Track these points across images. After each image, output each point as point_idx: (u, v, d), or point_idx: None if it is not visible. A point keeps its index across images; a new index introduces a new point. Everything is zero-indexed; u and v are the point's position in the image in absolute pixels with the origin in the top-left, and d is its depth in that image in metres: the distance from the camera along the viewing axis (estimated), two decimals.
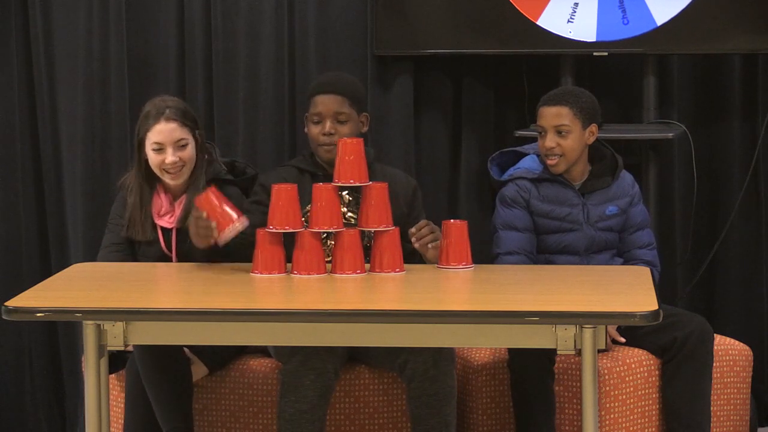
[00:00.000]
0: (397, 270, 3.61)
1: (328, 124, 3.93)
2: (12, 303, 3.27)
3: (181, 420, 3.77)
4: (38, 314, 3.27)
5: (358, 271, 3.59)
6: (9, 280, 4.68)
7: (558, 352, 3.19)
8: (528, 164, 4.12)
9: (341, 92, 3.97)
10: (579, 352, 3.18)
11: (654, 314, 3.10)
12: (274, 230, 3.59)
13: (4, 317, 3.25)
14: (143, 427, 3.80)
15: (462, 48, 4.55)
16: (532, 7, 4.45)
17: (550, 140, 4.00)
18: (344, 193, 3.92)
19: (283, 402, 3.69)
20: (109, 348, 3.31)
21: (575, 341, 3.16)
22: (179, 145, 3.91)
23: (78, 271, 3.80)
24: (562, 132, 4.00)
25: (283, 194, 3.60)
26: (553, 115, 4.00)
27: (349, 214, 3.92)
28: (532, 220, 4.05)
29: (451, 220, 3.68)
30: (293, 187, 3.62)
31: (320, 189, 3.63)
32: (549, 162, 4.02)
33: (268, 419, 3.90)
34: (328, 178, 3.87)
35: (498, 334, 3.22)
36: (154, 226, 3.96)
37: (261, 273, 3.59)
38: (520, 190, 4.06)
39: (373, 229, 3.62)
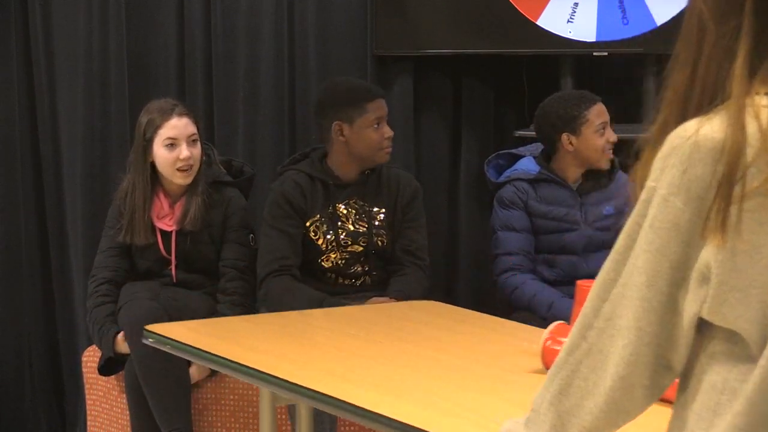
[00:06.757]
0: None
1: (388, 129, 3.96)
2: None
3: (181, 421, 3.78)
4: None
5: None
6: (9, 280, 4.68)
7: None
8: (525, 166, 4.12)
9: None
10: None
11: None
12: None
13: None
14: (148, 426, 3.81)
15: (462, 48, 4.55)
16: (532, 7, 4.45)
17: (611, 133, 4.01)
18: (342, 204, 3.93)
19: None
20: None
21: None
22: (191, 140, 3.91)
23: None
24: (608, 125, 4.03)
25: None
26: (604, 111, 4.03)
27: (357, 225, 3.94)
28: (530, 220, 4.06)
29: None
30: None
31: None
32: (610, 156, 4.03)
33: None
34: (339, 186, 3.88)
35: None
36: (153, 228, 3.96)
37: None
38: (517, 191, 4.06)
39: None
